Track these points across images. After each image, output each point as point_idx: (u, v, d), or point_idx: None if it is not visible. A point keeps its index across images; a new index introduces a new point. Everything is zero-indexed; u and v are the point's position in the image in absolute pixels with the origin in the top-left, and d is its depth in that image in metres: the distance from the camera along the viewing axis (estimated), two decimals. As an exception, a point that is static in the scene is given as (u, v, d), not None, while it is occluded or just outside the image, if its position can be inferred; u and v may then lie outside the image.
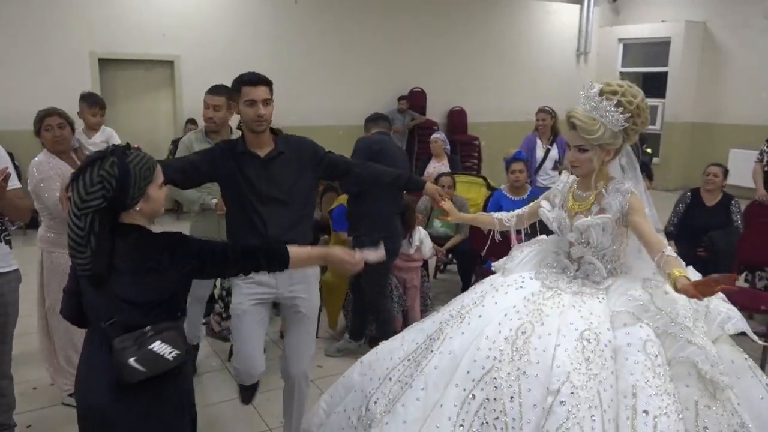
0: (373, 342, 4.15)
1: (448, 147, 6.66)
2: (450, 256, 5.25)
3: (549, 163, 5.61)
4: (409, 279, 4.25)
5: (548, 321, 2.09)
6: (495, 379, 1.98)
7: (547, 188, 5.75)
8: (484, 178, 5.84)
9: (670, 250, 2.04)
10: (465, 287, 5.02)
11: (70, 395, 3.26)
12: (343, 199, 4.27)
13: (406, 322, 4.35)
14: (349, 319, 4.29)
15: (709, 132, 10.55)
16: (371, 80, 9.59)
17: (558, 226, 2.34)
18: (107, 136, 4.77)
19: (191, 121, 7.76)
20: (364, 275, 3.76)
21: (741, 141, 9.70)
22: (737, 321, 2.11)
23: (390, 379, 2.29)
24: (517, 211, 2.66)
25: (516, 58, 10.97)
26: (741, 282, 4.79)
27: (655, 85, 10.98)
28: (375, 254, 2.20)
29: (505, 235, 2.75)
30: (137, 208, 1.79)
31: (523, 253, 2.51)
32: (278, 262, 2.01)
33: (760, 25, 9.62)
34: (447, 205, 2.80)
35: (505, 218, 2.66)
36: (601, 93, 2.16)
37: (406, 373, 2.25)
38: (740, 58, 9.98)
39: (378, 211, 3.72)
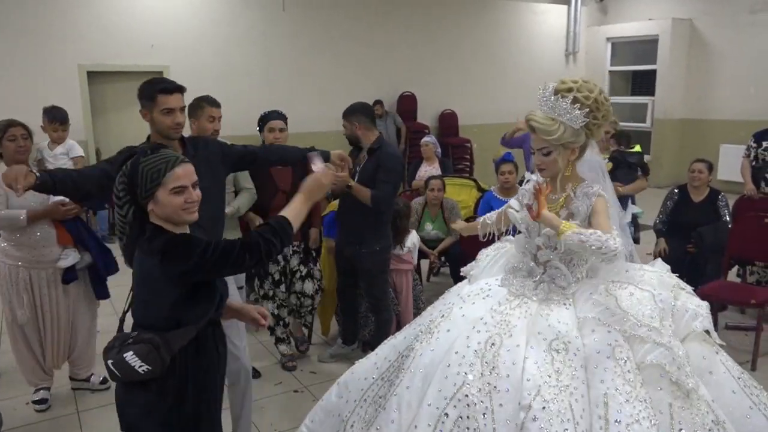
0: (367, 346, 4.17)
1: (439, 150, 6.67)
2: (443, 259, 5.25)
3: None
4: (399, 282, 4.25)
5: (516, 332, 2.06)
6: (467, 396, 1.95)
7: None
8: (475, 180, 5.86)
9: (599, 232, 2.02)
10: (458, 289, 5.03)
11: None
12: (333, 205, 4.27)
13: (399, 326, 4.35)
14: (340, 323, 4.28)
15: (698, 128, 10.61)
16: (361, 85, 9.60)
17: (526, 227, 2.32)
18: (68, 148, 5.13)
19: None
20: (366, 276, 3.80)
21: (731, 136, 9.75)
22: (705, 318, 2.09)
23: (365, 400, 2.28)
24: (497, 211, 2.66)
25: (505, 60, 11.01)
26: (732, 277, 4.81)
27: (644, 83, 11.04)
28: (321, 163, 2.20)
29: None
30: (149, 209, 1.81)
31: (488, 257, 2.51)
32: (286, 234, 1.92)
33: (746, 21, 9.69)
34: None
35: (488, 217, 2.67)
36: (556, 92, 2.16)
37: (380, 393, 2.24)
38: (727, 54, 10.04)
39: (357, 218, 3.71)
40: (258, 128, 3.86)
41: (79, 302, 3.51)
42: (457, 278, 5.03)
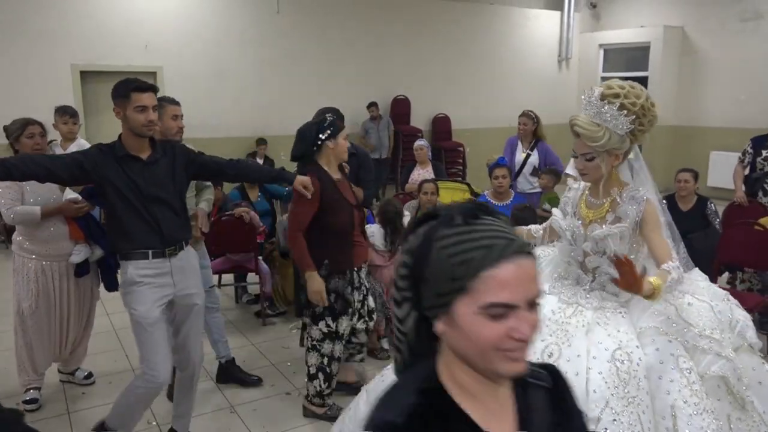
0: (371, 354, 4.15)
1: (430, 153, 6.68)
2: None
3: (528, 168, 5.63)
4: (391, 280, 4.26)
5: (575, 341, 1.97)
6: None
7: (525, 194, 5.78)
8: (468, 185, 5.88)
9: (671, 265, 1.96)
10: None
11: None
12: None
13: (391, 328, 4.35)
14: None
15: (689, 135, 10.70)
16: (355, 88, 9.61)
17: (571, 235, 2.24)
18: (80, 146, 5.02)
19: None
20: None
21: (721, 143, 9.85)
22: (753, 330, 2.08)
23: None
24: (543, 225, 2.57)
25: (499, 65, 11.06)
26: (723, 283, 4.85)
27: (635, 90, 11.11)
28: None
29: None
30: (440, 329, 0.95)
31: None
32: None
33: (736, 29, 9.79)
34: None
35: (534, 230, 2.58)
36: (603, 97, 2.08)
37: None
38: (718, 61, 10.14)
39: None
40: None
41: (87, 296, 3.62)
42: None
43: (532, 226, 2.61)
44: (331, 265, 3.16)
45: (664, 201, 4.97)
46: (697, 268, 2.34)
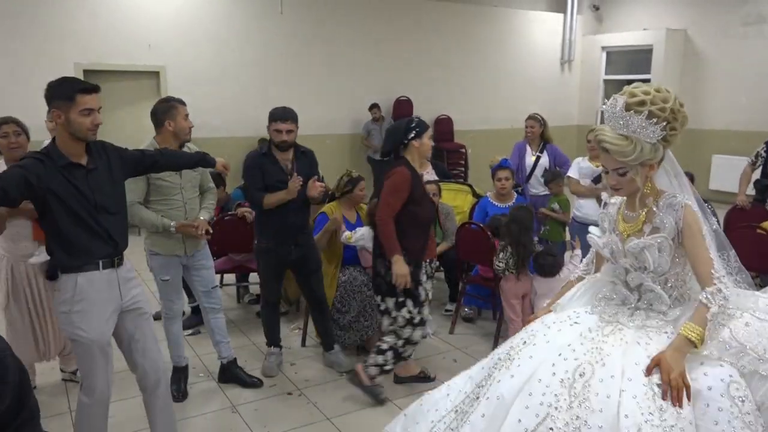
0: (361, 351, 4.17)
1: (430, 154, 6.67)
2: (438, 263, 5.25)
3: (539, 171, 5.63)
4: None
5: (610, 361, 1.82)
6: (551, 429, 1.73)
7: (537, 197, 5.78)
8: (470, 186, 5.87)
9: (709, 291, 1.81)
10: (452, 295, 5.05)
11: None
12: (325, 207, 4.28)
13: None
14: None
15: (691, 138, 10.67)
16: (358, 89, 9.63)
17: (610, 252, 2.08)
18: None
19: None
20: (318, 271, 3.98)
21: (723, 147, 9.84)
22: None
23: None
24: (587, 258, 2.34)
25: (501, 67, 11.07)
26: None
27: (638, 92, 11.11)
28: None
29: (492, 240, 2.64)
30: None
31: (574, 288, 2.24)
32: None
33: (739, 33, 9.79)
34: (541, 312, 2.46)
35: (583, 272, 2.33)
36: (628, 108, 1.91)
37: (452, 426, 2.03)
38: (720, 64, 10.14)
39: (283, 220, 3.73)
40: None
41: None
42: (452, 283, 5.07)
43: (580, 271, 2.35)
44: (409, 255, 3.36)
45: (710, 205, 4.86)
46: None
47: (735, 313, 1.87)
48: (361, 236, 4.14)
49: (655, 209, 1.98)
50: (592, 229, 2.24)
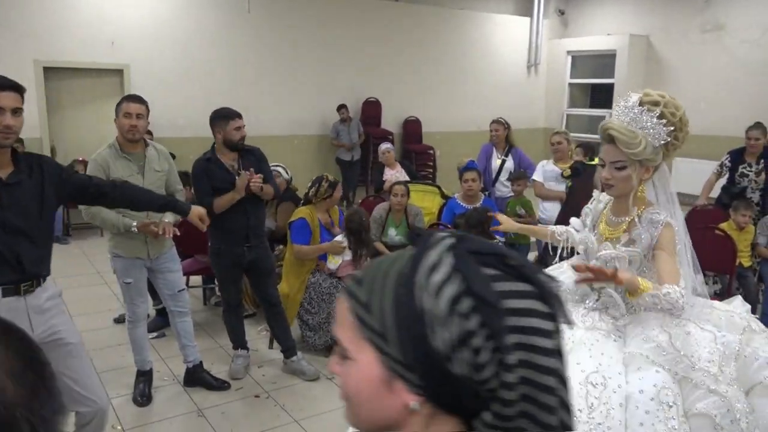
0: (329, 352, 4.16)
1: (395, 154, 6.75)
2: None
3: (504, 175, 5.71)
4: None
5: None
6: None
7: (503, 199, 5.86)
8: (439, 187, 5.92)
9: (671, 287, 1.81)
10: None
11: None
12: (302, 211, 4.24)
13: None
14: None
15: (653, 141, 10.95)
16: (325, 90, 9.59)
17: (584, 249, 2.12)
18: None
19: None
20: (271, 273, 3.92)
21: (684, 150, 9.95)
22: None
23: None
24: (569, 228, 2.38)
25: (468, 70, 11.16)
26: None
27: (602, 97, 11.34)
28: None
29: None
30: None
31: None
32: None
33: (698, 39, 10.07)
34: (502, 218, 2.65)
35: (558, 231, 2.41)
36: (641, 104, 1.94)
37: None
38: (680, 70, 10.42)
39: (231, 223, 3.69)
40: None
41: None
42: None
43: (557, 228, 2.42)
44: None
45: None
46: (739, 297, 2.16)
47: (682, 322, 1.90)
48: (341, 242, 4.19)
49: (637, 221, 2.00)
50: (573, 220, 2.25)
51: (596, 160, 5.81)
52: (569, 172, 4.76)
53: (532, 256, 4.73)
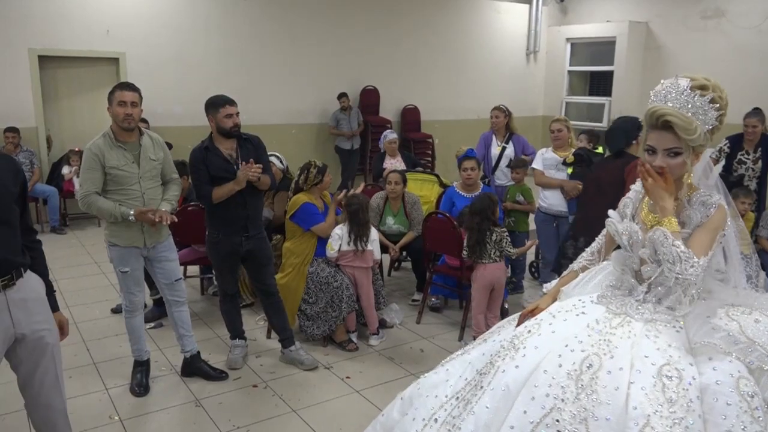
0: (327, 342, 4.15)
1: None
2: (404, 253, 5.26)
3: (504, 162, 5.67)
4: (360, 277, 4.24)
5: (618, 353, 1.80)
6: (557, 421, 1.71)
7: (503, 188, 5.85)
8: (437, 176, 5.89)
9: (689, 252, 1.81)
10: (420, 284, 5.06)
11: None
12: (300, 197, 4.20)
13: (359, 320, 4.35)
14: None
15: (652, 129, 10.91)
16: (324, 78, 9.53)
17: (628, 240, 2.02)
18: None
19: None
20: (269, 262, 3.91)
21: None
22: None
23: (436, 420, 2.02)
24: (593, 248, 2.32)
25: (467, 57, 11.09)
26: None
27: (601, 84, 11.28)
28: None
29: (458, 230, 2.62)
30: None
31: (581, 275, 2.22)
32: None
33: (697, 26, 10.01)
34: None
35: (587, 262, 2.30)
36: (692, 88, 1.88)
37: (453, 413, 2.00)
38: (679, 56, 10.35)
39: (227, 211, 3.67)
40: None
41: None
42: (419, 272, 5.08)
43: (584, 262, 2.31)
44: None
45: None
46: None
47: (746, 310, 1.88)
48: (338, 236, 4.17)
49: (686, 204, 1.96)
50: (611, 213, 2.15)
51: (600, 149, 5.80)
52: (573, 159, 4.70)
53: (529, 243, 4.71)
